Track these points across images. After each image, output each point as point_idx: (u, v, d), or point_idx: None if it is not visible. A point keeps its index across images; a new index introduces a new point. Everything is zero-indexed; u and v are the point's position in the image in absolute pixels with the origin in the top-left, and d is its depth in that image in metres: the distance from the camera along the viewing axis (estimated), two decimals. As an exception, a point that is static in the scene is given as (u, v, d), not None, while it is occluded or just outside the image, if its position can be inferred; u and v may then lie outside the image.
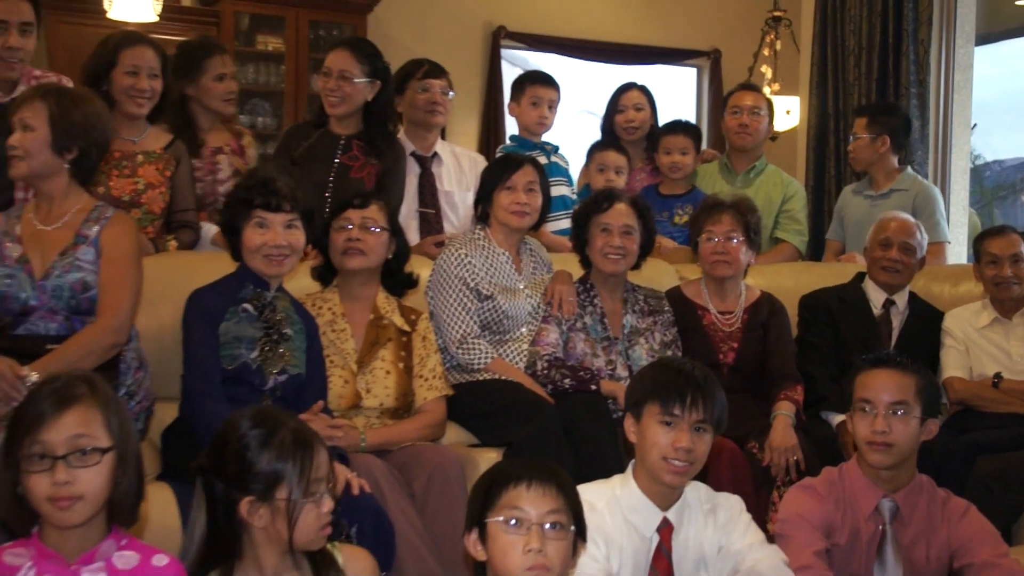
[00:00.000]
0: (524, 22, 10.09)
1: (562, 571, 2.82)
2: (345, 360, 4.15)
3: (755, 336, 4.78)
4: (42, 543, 2.60)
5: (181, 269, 4.32)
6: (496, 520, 2.81)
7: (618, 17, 10.49)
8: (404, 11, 9.60)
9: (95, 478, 2.55)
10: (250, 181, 4.04)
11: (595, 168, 5.67)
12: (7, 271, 3.74)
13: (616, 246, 4.60)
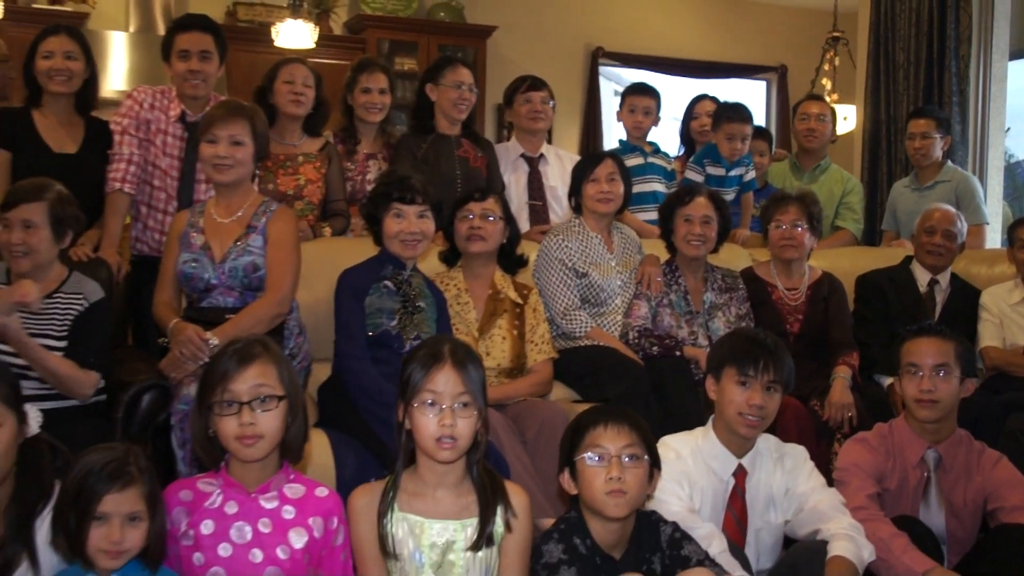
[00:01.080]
0: (618, 43, 10.14)
1: (640, 495, 2.88)
2: (468, 328, 4.19)
3: (817, 309, 4.75)
4: (228, 475, 2.68)
5: (333, 252, 4.38)
6: (582, 457, 2.87)
7: (699, 37, 10.49)
8: (517, 35, 9.66)
9: (272, 421, 2.62)
10: (389, 179, 4.10)
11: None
12: (193, 256, 3.84)
13: (697, 234, 4.59)
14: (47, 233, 3.66)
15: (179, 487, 2.70)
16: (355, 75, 5.14)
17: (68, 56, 4.47)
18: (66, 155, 4.49)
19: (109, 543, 2.46)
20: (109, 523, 2.46)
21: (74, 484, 2.48)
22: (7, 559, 2.52)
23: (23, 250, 3.64)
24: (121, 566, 2.50)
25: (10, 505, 2.56)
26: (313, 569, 2.67)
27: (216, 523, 2.63)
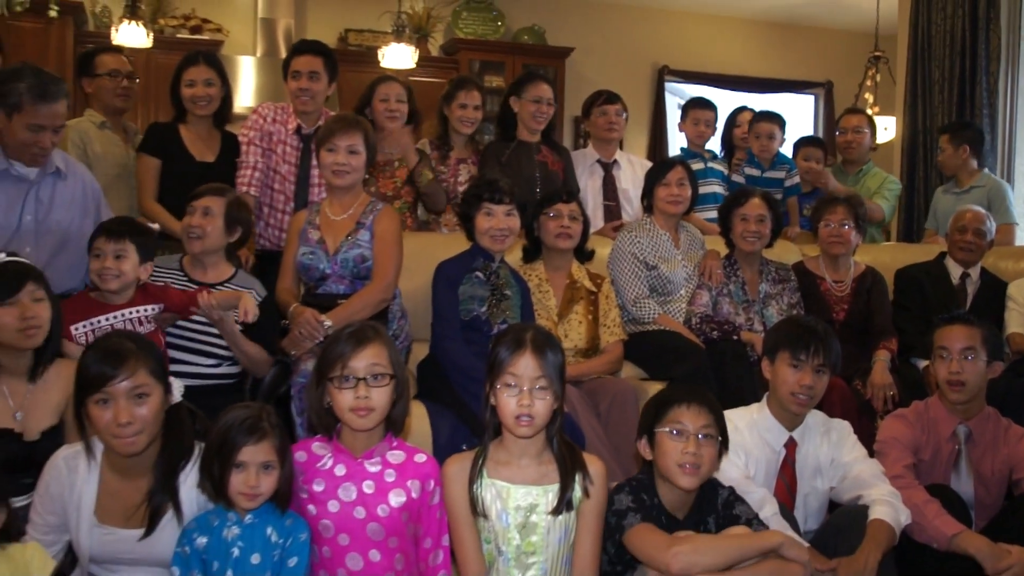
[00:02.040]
0: (682, 62, 10.09)
1: (710, 470, 2.88)
2: (549, 313, 4.17)
3: (861, 300, 4.69)
4: (339, 442, 2.70)
5: (430, 246, 4.38)
6: (663, 430, 2.87)
7: (753, 56, 10.41)
8: (592, 55, 9.67)
9: (383, 396, 2.63)
10: (480, 181, 4.12)
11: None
12: (310, 249, 3.87)
13: (752, 231, 4.55)
14: (220, 223, 3.71)
15: (296, 449, 2.72)
16: (454, 91, 5.13)
17: (207, 83, 4.56)
18: (206, 163, 4.56)
19: (247, 487, 2.51)
20: (246, 470, 2.51)
21: (218, 437, 2.53)
22: (156, 507, 2.57)
23: (198, 233, 3.70)
24: (256, 507, 2.55)
25: (158, 461, 2.60)
26: (412, 525, 2.68)
27: (326, 482, 2.65)
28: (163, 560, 2.59)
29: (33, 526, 2.61)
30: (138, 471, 2.60)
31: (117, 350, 2.52)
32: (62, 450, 2.65)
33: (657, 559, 2.73)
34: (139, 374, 2.52)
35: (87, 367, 2.53)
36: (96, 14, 8.59)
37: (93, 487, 2.60)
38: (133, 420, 2.49)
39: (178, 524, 2.59)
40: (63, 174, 3.76)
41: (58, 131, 3.66)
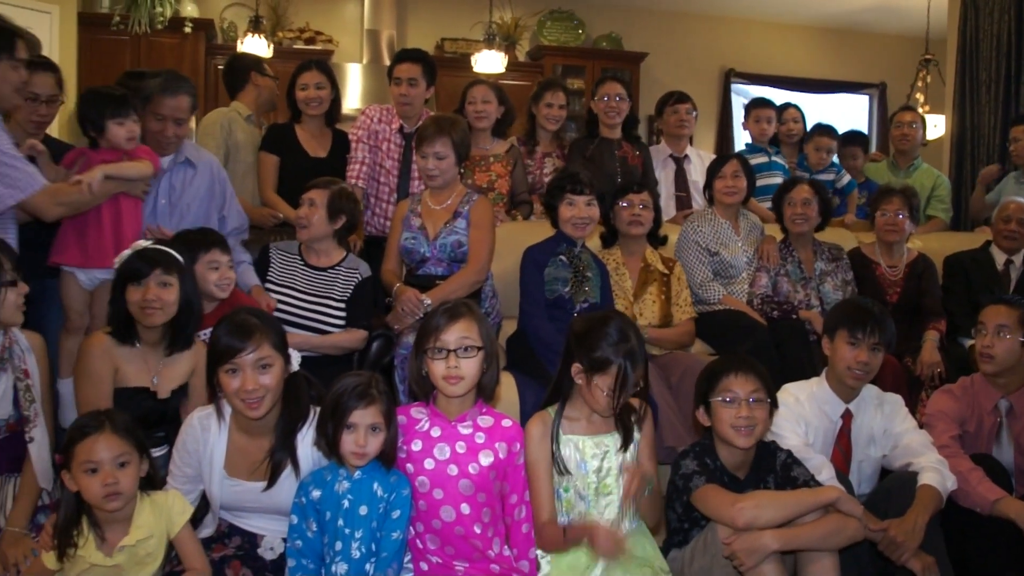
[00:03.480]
0: (747, 65, 9.99)
1: (763, 429, 2.89)
2: (625, 293, 4.13)
3: (912, 284, 4.60)
4: (435, 407, 2.72)
5: (519, 233, 4.37)
6: (716, 399, 2.88)
7: (812, 59, 10.23)
8: (664, 59, 9.60)
9: (472, 366, 2.64)
10: (563, 174, 4.10)
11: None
12: (412, 234, 3.90)
13: (799, 213, 4.51)
14: (323, 213, 3.74)
15: (398, 412, 2.74)
16: (541, 91, 5.14)
17: (318, 87, 4.62)
18: (319, 159, 4.63)
19: (356, 446, 2.53)
20: (356, 431, 2.53)
21: (331, 401, 2.56)
22: (276, 463, 2.61)
23: (305, 223, 3.75)
24: (364, 464, 2.57)
25: (278, 423, 2.64)
26: (498, 482, 2.69)
27: (423, 443, 2.67)
28: (283, 509, 2.64)
29: (173, 477, 2.67)
30: (261, 431, 2.64)
31: (245, 325, 2.56)
32: (196, 411, 2.71)
33: (723, 515, 2.72)
34: (263, 347, 2.55)
35: (218, 340, 2.57)
36: (224, 29, 8.74)
37: (223, 444, 2.65)
38: (258, 387, 2.53)
39: (296, 478, 2.63)
40: (194, 164, 3.82)
41: (180, 123, 3.72)
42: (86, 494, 2.39)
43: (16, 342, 2.82)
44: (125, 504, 2.43)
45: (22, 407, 2.78)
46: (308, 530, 2.57)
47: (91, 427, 2.40)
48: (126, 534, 2.44)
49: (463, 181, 4.23)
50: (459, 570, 2.63)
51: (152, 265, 2.90)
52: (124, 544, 2.43)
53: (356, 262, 3.89)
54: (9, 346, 2.79)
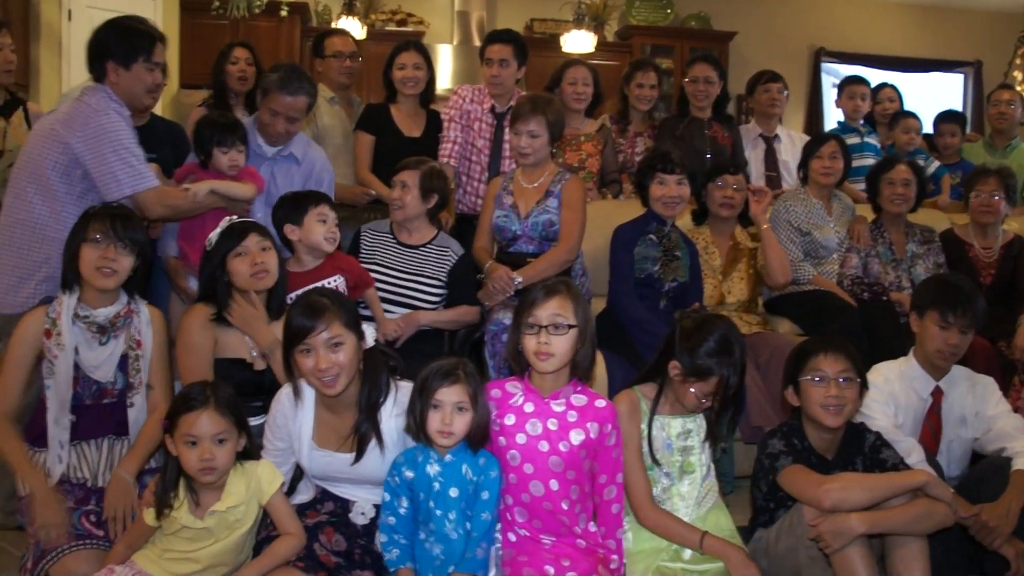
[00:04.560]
0: (838, 43, 9.79)
1: (853, 410, 2.85)
2: (714, 272, 4.11)
3: (1007, 266, 4.46)
4: (529, 382, 2.72)
5: (609, 211, 4.34)
6: (805, 379, 2.84)
7: (905, 37, 9.97)
8: (753, 38, 9.44)
9: (563, 343, 2.63)
10: (654, 153, 4.05)
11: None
12: (504, 213, 3.91)
13: (899, 193, 4.41)
14: (416, 193, 3.76)
15: (492, 387, 2.76)
16: (633, 71, 5.12)
17: (416, 67, 4.65)
18: (413, 138, 4.65)
19: (443, 424, 2.55)
20: (442, 410, 2.55)
21: (420, 382, 2.59)
22: (362, 436, 2.64)
23: (399, 204, 3.78)
24: (452, 445, 2.59)
25: (359, 398, 2.66)
26: (589, 461, 2.68)
27: (516, 417, 2.68)
28: (372, 479, 2.68)
29: (267, 450, 2.72)
30: (344, 406, 2.67)
31: (315, 306, 2.58)
32: (285, 387, 2.74)
33: (809, 495, 2.68)
34: (334, 326, 2.57)
35: (291, 322, 2.60)
36: (318, 12, 8.84)
37: (310, 419, 2.69)
38: (331, 365, 2.55)
39: (380, 451, 2.66)
40: (298, 160, 3.87)
41: (293, 121, 3.77)
42: (184, 463, 2.46)
43: (137, 313, 2.91)
44: (219, 477, 2.50)
45: (129, 375, 2.87)
46: (400, 507, 2.61)
47: (196, 401, 2.47)
48: (218, 500, 2.51)
49: (554, 160, 4.23)
50: (546, 543, 2.64)
51: (245, 232, 2.98)
52: (215, 509, 2.50)
53: (447, 240, 3.91)
54: (127, 315, 2.88)
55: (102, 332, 2.84)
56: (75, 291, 2.83)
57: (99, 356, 2.84)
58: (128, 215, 2.91)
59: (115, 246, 2.81)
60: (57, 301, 2.83)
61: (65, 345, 2.78)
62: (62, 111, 3.27)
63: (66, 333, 2.78)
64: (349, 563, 2.58)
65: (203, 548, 2.52)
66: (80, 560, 2.55)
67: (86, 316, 2.82)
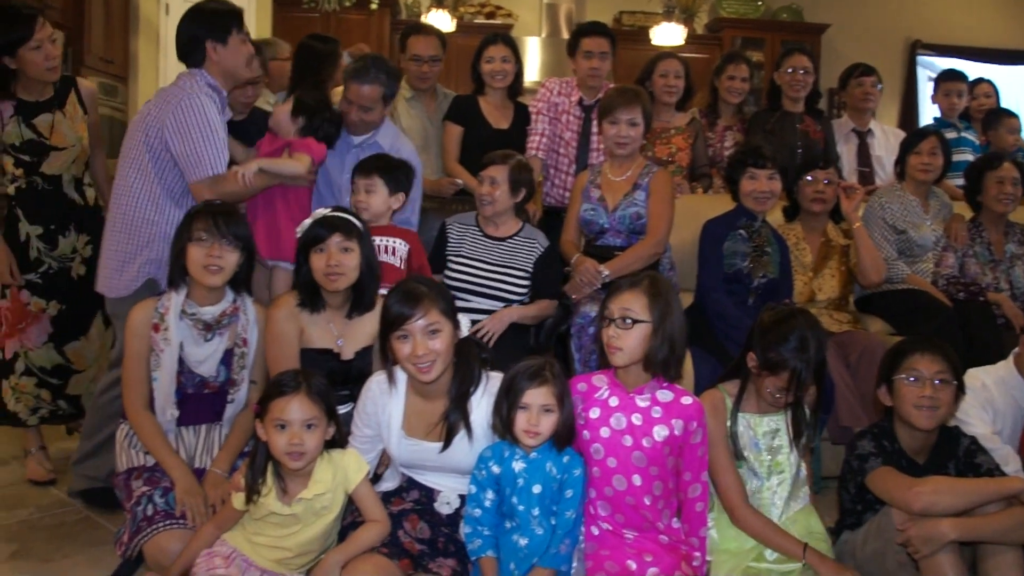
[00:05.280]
0: (935, 36, 9.52)
1: (947, 413, 2.78)
2: (804, 268, 4.05)
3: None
4: (615, 376, 2.71)
5: (698, 205, 4.31)
6: (900, 378, 2.77)
7: (1004, 28, 9.68)
8: (847, 31, 9.24)
9: (631, 338, 2.61)
10: (745, 148, 4.01)
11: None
12: (592, 206, 3.89)
13: (1008, 192, 4.30)
14: (506, 188, 3.77)
15: (578, 380, 2.75)
16: (724, 64, 5.08)
17: (504, 60, 4.63)
18: (501, 130, 4.64)
19: (529, 425, 2.55)
20: (529, 411, 2.55)
21: (507, 382, 2.60)
22: (451, 425, 2.65)
23: (488, 200, 3.78)
24: (537, 445, 2.59)
25: (451, 386, 2.68)
26: (673, 458, 2.65)
27: (601, 411, 2.66)
28: (458, 468, 2.69)
29: (354, 437, 2.75)
30: (435, 394, 2.69)
31: (414, 293, 2.60)
32: (375, 375, 2.77)
33: (899, 499, 2.63)
34: (432, 313, 2.59)
35: (389, 308, 2.62)
36: (408, 5, 8.92)
37: (400, 406, 2.71)
38: (428, 352, 2.57)
39: (468, 440, 2.67)
40: (385, 150, 3.85)
41: (366, 110, 3.80)
42: (273, 448, 2.50)
43: (244, 311, 2.97)
44: (307, 464, 2.52)
45: (232, 371, 2.94)
46: (486, 500, 2.61)
47: (288, 387, 2.50)
48: (305, 488, 2.54)
49: (643, 153, 4.20)
50: (628, 538, 2.62)
51: (331, 231, 2.96)
52: (302, 496, 2.53)
53: (533, 232, 3.91)
54: (232, 313, 2.94)
55: (207, 329, 2.90)
56: (182, 289, 2.90)
57: (204, 352, 2.90)
58: (230, 211, 2.95)
59: (220, 243, 2.85)
60: (166, 297, 2.89)
61: (171, 341, 2.84)
62: (159, 96, 3.34)
63: (173, 329, 2.85)
64: (432, 551, 2.60)
65: (291, 535, 2.56)
66: (172, 538, 2.60)
67: (193, 313, 2.88)
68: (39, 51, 3.52)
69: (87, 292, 3.62)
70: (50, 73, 3.58)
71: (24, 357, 3.69)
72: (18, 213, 3.65)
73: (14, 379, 3.70)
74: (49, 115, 3.63)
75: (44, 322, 3.70)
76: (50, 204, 3.67)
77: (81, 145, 3.71)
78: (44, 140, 3.61)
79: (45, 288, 3.69)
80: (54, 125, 3.62)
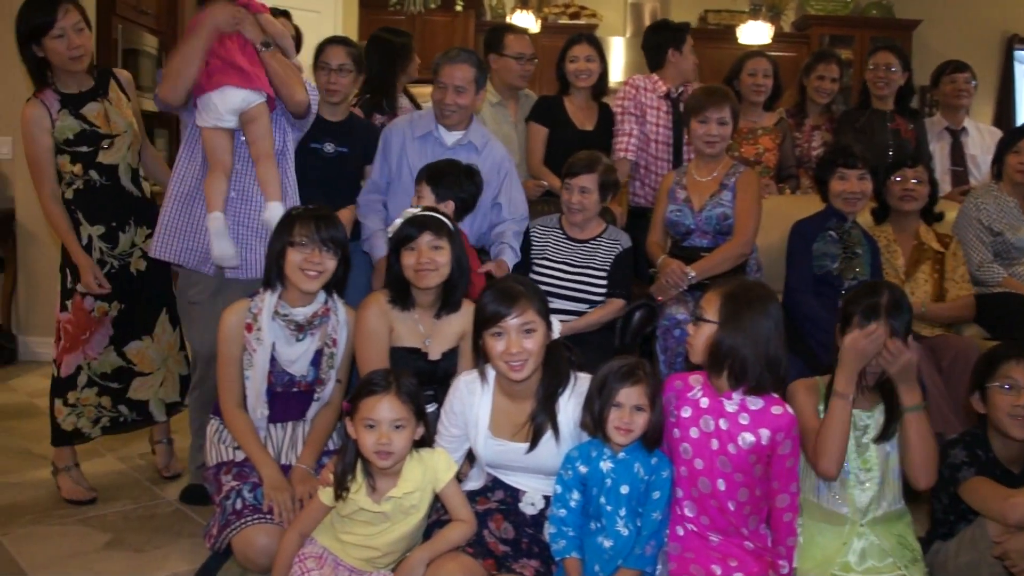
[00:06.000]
0: (1034, 31, 9.14)
1: None
2: (896, 272, 3.95)
3: None
4: (707, 383, 2.67)
5: (786, 206, 4.26)
6: (994, 385, 2.70)
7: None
8: (939, 26, 8.99)
9: (697, 336, 2.61)
10: (834, 148, 3.98)
11: None
12: (678, 207, 3.87)
13: None
14: (596, 196, 3.76)
15: (675, 378, 2.74)
16: (813, 63, 5.01)
17: (588, 59, 4.61)
18: (586, 131, 4.62)
19: (621, 423, 2.54)
20: (622, 409, 2.55)
21: (599, 380, 2.59)
22: (538, 425, 2.66)
23: (579, 207, 3.77)
24: (629, 443, 2.58)
25: (539, 387, 2.68)
26: (759, 466, 2.60)
27: (692, 411, 2.64)
28: (544, 469, 2.69)
29: (440, 436, 2.76)
30: (523, 395, 2.69)
31: (511, 292, 2.62)
32: (463, 375, 2.79)
33: (994, 509, 2.55)
34: (527, 312, 2.60)
35: (485, 306, 2.64)
36: (492, 6, 8.96)
37: (487, 406, 2.72)
38: (521, 350, 2.58)
39: (555, 442, 2.67)
40: (478, 149, 3.86)
41: (460, 92, 3.76)
42: (361, 446, 2.52)
43: (334, 312, 3.01)
44: (395, 463, 2.54)
45: (321, 370, 2.98)
46: (571, 500, 2.61)
47: (379, 386, 2.52)
48: (394, 486, 2.56)
49: (729, 153, 4.16)
50: (713, 541, 2.59)
51: (422, 228, 2.98)
52: (391, 495, 2.55)
53: (617, 233, 3.89)
54: (324, 314, 2.99)
55: (299, 330, 2.94)
56: (277, 289, 2.94)
57: (295, 351, 2.95)
58: (329, 216, 2.97)
59: (320, 249, 2.89)
60: (259, 298, 2.94)
61: (264, 340, 2.89)
62: None
63: (266, 329, 2.89)
64: (516, 552, 2.60)
65: (380, 533, 2.59)
66: (260, 533, 2.65)
67: (286, 314, 2.93)
68: (62, 39, 3.35)
69: (149, 289, 3.66)
70: (73, 63, 3.42)
71: (87, 369, 3.57)
72: (78, 217, 3.52)
73: (74, 395, 3.56)
74: (96, 104, 3.53)
75: (106, 326, 3.60)
76: (109, 200, 3.56)
77: (133, 131, 3.62)
78: (97, 128, 3.50)
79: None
80: (103, 113, 3.53)
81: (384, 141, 3.88)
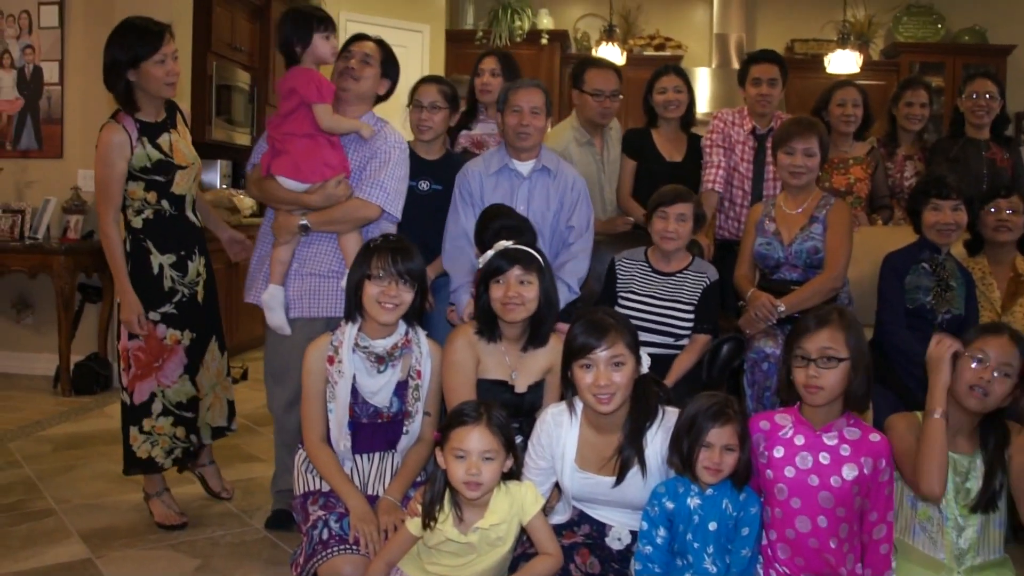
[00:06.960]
0: None
1: None
2: (992, 305, 3.83)
3: None
4: (800, 414, 2.65)
5: (878, 238, 4.16)
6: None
7: None
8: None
9: (834, 377, 2.56)
10: (928, 178, 3.88)
11: None
12: (766, 240, 3.81)
13: None
14: (691, 225, 3.72)
15: (760, 418, 2.70)
16: (902, 90, 4.92)
17: (676, 90, 4.57)
18: (674, 163, 4.59)
19: (712, 463, 2.52)
20: (712, 450, 2.52)
21: (687, 419, 2.56)
22: (625, 459, 2.63)
23: (673, 236, 3.71)
24: (718, 482, 2.56)
25: (627, 421, 2.66)
26: (860, 498, 2.56)
27: (785, 450, 2.61)
28: (631, 504, 2.67)
29: (527, 468, 2.75)
30: (611, 428, 2.67)
31: (601, 324, 2.61)
32: (550, 407, 2.78)
33: None
34: (617, 345, 2.58)
35: (575, 337, 2.63)
36: (578, 39, 9.01)
37: (574, 439, 2.71)
38: (610, 383, 2.57)
39: (642, 476, 2.64)
40: (552, 173, 3.82)
41: (536, 113, 3.73)
42: (451, 476, 2.52)
43: (416, 344, 3.03)
44: (483, 494, 2.53)
45: (407, 402, 3.00)
46: (657, 537, 2.58)
47: (470, 417, 2.52)
48: (482, 517, 2.55)
49: (820, 184, 4.09)
50: (807, 583, 2.55)
51: (512, 262, 2.99)
52: (478, 526, 2.54)
53: (704, 266, 3.84)
54: (404, 345, 3.00)
55: (380, 361, 2.96)
56: (357, 321, 2.97)
57: (377, 383, 2.97)
58: (407, 248, 2.99)
59: (397, 282, 2.91)
60: (340, 331, 2.98)
61: (345, 372, 2.93)
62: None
63: (347, 361, 2.93)
64: (602, 586, 2.57)
65: (466, 565, 2.58)
66: (346, 562, 2.66)
67: (366, 346, 2.95)
68: (162, 65, 3.44)
69: (208, 317, 3.73)
70: (168, 88, 3.51)
71: (161, 396, 3.57)
72: (148, 246, 3.53)
73: (149, 422, 3.57)
74: (167, 135, 3.59)
75: (180, 354, 3.60)
76: (177, 229, 3.61)
77: (197, 163, 3.69)
78: (171, 159, 3.55)
79: (180, 318, 3.59)
80: (172, 144, 3.59)
81: (463, 187, 3.80)
